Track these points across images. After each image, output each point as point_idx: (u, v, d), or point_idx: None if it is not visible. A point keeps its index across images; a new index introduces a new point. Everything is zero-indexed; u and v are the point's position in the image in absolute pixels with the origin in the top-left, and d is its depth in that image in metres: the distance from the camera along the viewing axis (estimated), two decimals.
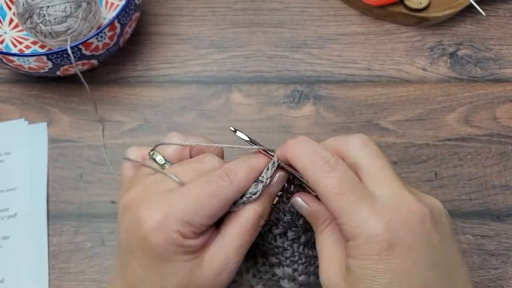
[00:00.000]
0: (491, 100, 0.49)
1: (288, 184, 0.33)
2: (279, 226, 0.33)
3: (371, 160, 0.29)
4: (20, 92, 0.50)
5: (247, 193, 0.30)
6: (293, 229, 0.33)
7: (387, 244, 0.25)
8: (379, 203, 0.27)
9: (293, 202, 0.32)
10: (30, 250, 0.42)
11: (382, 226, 0.26)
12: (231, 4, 0.55)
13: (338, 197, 0.27)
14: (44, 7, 0.44)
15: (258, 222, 0.30)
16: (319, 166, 0.28)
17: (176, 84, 0.51)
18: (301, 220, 0.33)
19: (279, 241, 0.33)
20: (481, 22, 0.54)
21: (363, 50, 0.52)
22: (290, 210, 0.33)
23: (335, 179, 0.27)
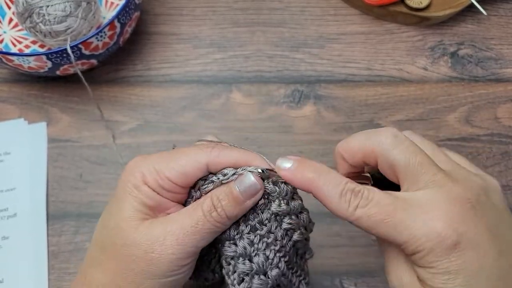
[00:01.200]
0: (492, 100, 0.49)
1: (269, 219, 0.29)
2: (246, 263, 0.29)
3: (407, 159, 0.27)
4: (19, 91, 0.50)
5: (218, 172, 0.29)
6: (261, 277, 0.29)
7: (451, 244, 0.25)
8: (428, 205, 0.26)
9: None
10: (30, 250, 0.42)
11: (440, 229, 0.25)
12: (231, 3, 0.55)
13: (386, 222, 0.26)
14: (43, 7, 0.44)
15: (210, 212, 0.28)
16: (355, 204, 0.26)
17: (176, 83, 0.51)
18: (274, 271, 0.29)
19: (242, 286, 0.29)
20: (482, 22, 0.54)
21: (364, 50, 0.52)
22: (264, 253, 0.29)
23: (374, 208, 0.26)
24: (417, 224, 0.25)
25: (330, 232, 0.43)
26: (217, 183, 0.29)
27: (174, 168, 0.28)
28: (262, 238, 0.29)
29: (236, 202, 0.28)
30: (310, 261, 0.42)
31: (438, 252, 0.25)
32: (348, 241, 0.43)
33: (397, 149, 0.27)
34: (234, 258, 0.29)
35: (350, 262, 0.42)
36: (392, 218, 0.26)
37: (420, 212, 0.26)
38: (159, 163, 0.28)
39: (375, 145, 0.28)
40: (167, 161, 0.29)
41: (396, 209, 0.26)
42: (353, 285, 0.41)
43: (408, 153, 0.27)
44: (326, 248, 0.42)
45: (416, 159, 0.27)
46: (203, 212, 0.28)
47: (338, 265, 0.42)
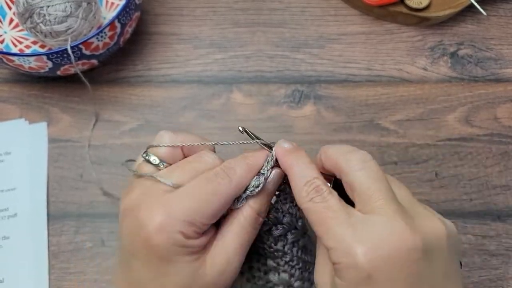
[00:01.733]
0: (491, 100, 0.49)
1: (286, 184, 0.33)
2: (279, 227, 0.32)
3: (368, 182, 0.28)
4: (20, 92, 0.50)
5: (249, 187, 0.30)
6: (293, 231, 0.33)
7: (366, 274, 0.25)
8: (366, 230, 0.26)
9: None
10: (30, 250, 0.42)
11: (362, 256, 0.25)
12: (232, 3, 0.55)
13: (324, 223, 0.27)
14: (44, 7, 0.44)
15: (256, 219, 0.30)
16: (311, 197, 0.28)
17: (176, 84, 0.51)
18: (300, 222, 0.33)
19: (279, 244, 0.33)
20: (482, 22, 0.54)
21: (364, 50, 0.52)
22: (289, 211, 0.33)
23: (323, 208, 0.27)
24: (344, 240, 0.26)
25: None
26: (250, 196, 0.31)
27: (208, 213, 0.28)
28: (283, 201, 0.33)
29: (270, 197, 0.32)
30: None
31: (351, 273, 0.25)
32: None
33: (360, 171, 0.28)
34: (268, 230, 0.33)
35: None
36: (329, 223, 0.27)
37: (354, 232, 0.26)
38: (191, 215, 0.28)
39: (344, 162, 0.29)
40: (198, 209, 0.28)
41: (337, 218, 0.27)
42: None
43: (368, 178, 0.28)
44: None
45: (373, 185, 0.27)
46: (246, 221, 0.31)
47: None
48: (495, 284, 0.41)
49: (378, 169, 0.28)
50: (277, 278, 0.33)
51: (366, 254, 0.25)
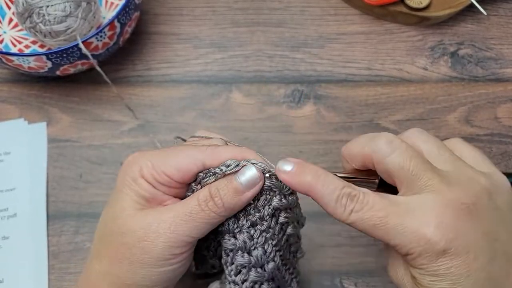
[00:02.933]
0: (492, 100, 0.49)
1: (271, 216, 0.30)
2: (245, 256, 0.30)
3: (400, 166, 0.27)
4: (19, 91, 0.50)
5: (220, 164, 0.29)
6: (258, 269, 0.30)
7: (439, 250, 0.25)
8: (420, 211, 0.26)
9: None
10: (30, 250, 0.42)
11: (430, 235, 0.25)
12: (231, 3, 0.55)
13: (379, 227, 0.27)
14: (43, 7, 0.44)
15: (207, 201, 0.28)
16: (350, 209, 0.27)
17: (176, 83, 0.51)
18: (270, 265, 0.30)
19: (239, 278, 0.30)
20: (482, 22, 0.54)
21: (364, 50, 0.52)
22: (263, 247, 0.30)
23: (368, 213, 0.27)
24: (408, 230, 0.26)
25: (330, 232, 0.43)
26: (219, 175, 0.29)
27: (170, 163, 0.29)
28: (261, 233, 0.30)
29: (235, 192, 0.29)
30: (310, 261, 0.42)
31: (426, 257, 0.26)
32: (348, 241, 0.43)
33: (391, 155, 0.28)
34: (233, 251, 0.30)
35: (350, 262, 0.42)
36: (385, 223, 0.26)
37: (412, 217, 0.26)
38: (156, 159, 0.30)
39: (371, 151, 0.29)
40: (164, 157, 0.30)
41: (389, 215, 0.27)
42: (353, 285, 0.41)
43: (402, 159, 0.28)
44: (326, 248, 0.42)
45: (410, 164, 0.27)
46: (198, 201, 0.29)
47: (338, 265, 0.42)
48: None
49: (405, 146, 0.28)
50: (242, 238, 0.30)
51: (436, 231, 0.25)
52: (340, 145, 0.47)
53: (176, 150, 0.30)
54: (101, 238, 0.30)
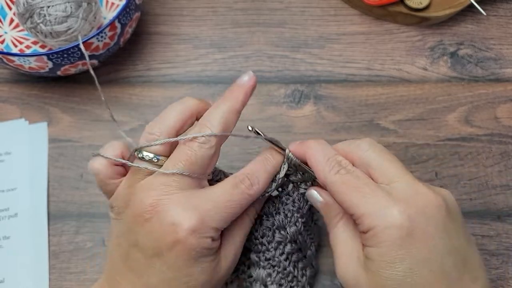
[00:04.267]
0: (491, 100, 0.49)
1: (294, 188, 0.34)
2: (270, 220, 0.34)
3: (381, 157, 0.30)
4: (20, 92, 0.50)
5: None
6: (281, 232, 0.33)
7: (406, 231, 0.26)
8: (395, 194, 0.28)
9: (308, 194, 0.33)
10: (31, 250, 0.42)
11: (400, 214, 0.27)
12: (232, 4, 0.55)
13: (355, 191, 0.28)
14: (44, 7, 0.44)
15: (255, 215, 0.34)
16: (336, 170, 0.30)
17: (176, 84, 0.51)
18: (292, 228, 0.33)
19: (265, 239, 0.33)
20: (482, 22, 0.54)
21: (364, 50, 0.52)
22: (285, 212, 0.34)
23: (351, 178, 0.29)
24: (379, 203, 0.28)
25: None
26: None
27: (229, 220, 0.30)
28: (281, 199, 0.34)
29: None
30: None
31: (390, 234, 0.27)
32: None
33: (371, 150, 0.31)
34: (260, 216, 0.34)
35: None
36: (361, 189, 0.28)
37: (386, 196, 0.28)
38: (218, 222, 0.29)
39: (354, 149, 0.32)
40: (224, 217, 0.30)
41: (367, 185, 0.29)
42: None
43: (381, 154, 0.31)
44: (326, 248, 0.42)
45: (388, 158, 0.31)
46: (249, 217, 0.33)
47: None
48: (495, 284, 0.41)
49: (384, 147, 0.31)
50: (256, 273, 0.33)
51: (404, 212, 0.27)
52: None
53: (232, 202, 0.30)
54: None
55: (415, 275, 0.26)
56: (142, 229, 0.29)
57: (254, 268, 0.34)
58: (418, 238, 0.26)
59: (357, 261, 0.29)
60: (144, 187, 0.30)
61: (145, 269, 0.29)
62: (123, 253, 0.30)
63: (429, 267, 0.26)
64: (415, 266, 0.26)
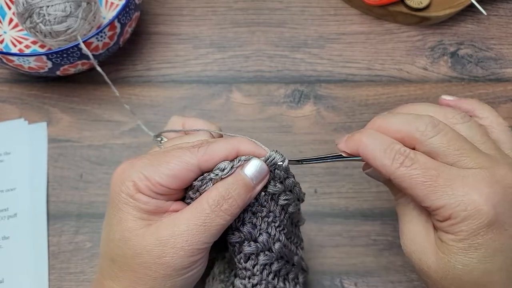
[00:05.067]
0: (492, 100, 0.49)
1: (270, 201, 0.30)
2: (251, 244, 0.30)
3: (449, 145, 0.27)
4: (20, 92, 0.50)
5: (214, 169, 0.28)
6: (266, 253, 0.30)
7: (487, 222, 0.25)
8: (472, 179, 0.26)
9: (367, 172, 0.31)
10: (30, 250, 0.42)
11: (479, 203, 0.25)
12: (232, 3, 0.55)
13: (427, 184, 0.26)
14: (44, 7, 0.44)
15: (219, 205, 0.28)
16: (400, 162, 0.27)
17: (176, 83, 0.51)
18: (276, 245, 0.31)
19: (249, 264, 0.30)
20: (482, 22, 0.54)
21: (364, 50, 0.52)
22: (267, 231, 0.30)
23: (419, 170, 0.27)
24: (457, 193, 0.26)
25: (330, 232, 0.43)
26: (216, 180, 0.28)
27: (164, 172, 0.28)
28: (263, 219, 0.30)
29: (247, 189, 0.28)
30: (310, 261, 0.42)
31: (469, 224, 0.25)
32: (348, 241, 0.43)
33: (435, 137, 0.27)
34: (239, 242, 0.30)
35: (350, 262, 0.42)
36: (434, 182, 0.26)
37: (463, 182, 0.26)
38: (148, 169, 0.28)
39: (414, 131, 0.28)
40: (156, 165, 0.28)
41: (439, 175, 0.26)
42: (353, 285, 0.41)
43: (447, 139, 0.27)
44: (326, 248, 0.42)
45: (456, 144, 0.27)
46: (210, 207, 0.28)
47: (338, 265, 0.42)
48: None
49: (449, 128, 0.28)
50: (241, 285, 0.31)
51: (487, 200, 0.25)
52: None
53: (166, 156, 0.29)
54: (113, 260, 0.29)
55: (488, 263, 0.26)
56: None
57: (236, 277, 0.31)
58: (498, 228, 0.25)
59: (427, 239, 0.28)
60: None
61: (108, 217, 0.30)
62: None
63: (504, 254, 0.26)
64: (490, 254, 0.26)
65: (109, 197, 0.29)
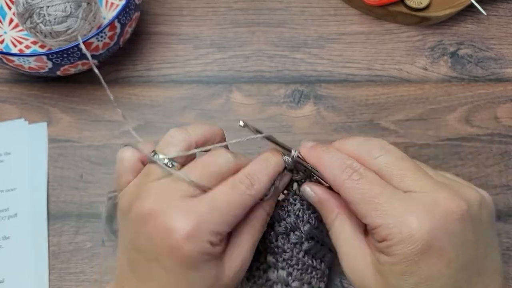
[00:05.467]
0: (492, 100, 0.49)
1: (299, 187, 0.33)
2: (282, 225, 0.33)
3: (394, 166, 0.28)
4: (20, 92, 0.50)
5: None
6: (296, 232, 0.33)
7: (422, 247, 0.25)
8: (412, 204, 0.26)
9: (302, 191, 0.32)
10: (30, 250, 0.42)
11: (417, 229, 0.25)
12: (232, 3, 0.55)
13: (369, 200, 0.27)
14: (44, 7, 0.44)
15: (266, 220, 0.32)
16: (348, 175, 0.28)
17: (176, 84, 0.51)
18: (306, 226, 0.33)
19: (280, 241, 0.33)
20: (482, 22, 0.54)
21: (364, 50, 0.52)
22: (295, 213, 0.33)
23: (365, 184, 0.27)
24: (396, 214, 0.26)
25: None
26: None
27: (230, 223, 0.29)
28: (288, 201, 0.34)
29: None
30: None
31: (404, 248, 0.25)
32: None
33: (381, 157, 0.28)
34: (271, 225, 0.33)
35: None
36: (376, 199, 0.27)
37: (401, 205, 0.26)
38: (217, 225, 0.28)
39: (364, 152, 0.29)
40: (223, 219, 0.28)
41: (383, 193, 0.27)
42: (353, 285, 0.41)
43: (391, 160, 0.28)
44: None
45: (399, 166, 0.28)
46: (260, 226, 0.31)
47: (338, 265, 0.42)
48: None
49: (399, 150, 0.29)
50: (276, 276, 0.33)
51: (423, 225, 0.25)
52: None
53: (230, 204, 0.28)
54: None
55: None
56: (142, 232, 0.28)
57: (272, 271, 0.33)
58: (433, 254, 0.25)
59: (363, 262, 0.28)
60: (149, 189, 0.29)
61: (146, 273, 0.28)
62: (128, 256, 0.30)
63: (440, 282, 0.25)
64: (426, 281, 0.25)
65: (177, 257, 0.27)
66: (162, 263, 0.28)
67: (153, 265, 0.28)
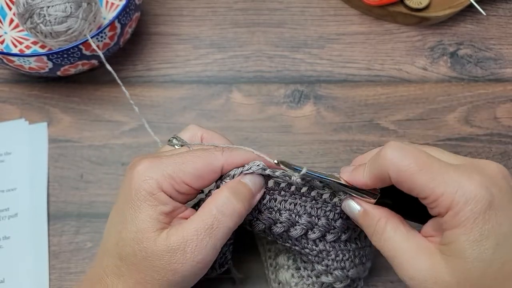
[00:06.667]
0: (491, 100, 0.49)
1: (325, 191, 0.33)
2: (315, 231, 0.33)
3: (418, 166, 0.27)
4: (20, 92, 0.50)
5: (225, 176, 0.31)
6: (331, 231, 0.33)
7: (488, 203, 0.25)
8: (464, 169, 0.26)
9: (344, 205, 0.31)
10: (31, 250, 0.42)
11: (476, 188, 0.25)
12: (232, 4, 0.55)
13: (423, 172, 0.26)
14: (44, 7, 0.44)
15: (226, 206, 0.29)
16: (405, 163, 0.27)
17: (176, 84, 0.51)
18: (338, 222, 0.33)
19: (321, 245, 0.33)
20: (482, 22, 0.54)
21: (364, 50, 0.52)
22: (325, 215, 0.33)
23: (413, 158, 0.27)
24: (455, 180, 0.26)
25: None
26: None
27: (190, 171, 0.29)
28: (319, 207, 0.34)
29: (252, 196, 0.31)
30: None
31: (472, 209, 0.25)
32: None
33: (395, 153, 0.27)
34: (301, 235, 0.33)
35: None
36: (430, 169, 0.26)
37: (455, 171, 0.26)
38: (173, 168, 0.29)
39: (386, 167, 0.27)
40: (181, 165, 0.29)
41: (433, 163, 0.27)
42: None
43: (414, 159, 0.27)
44: None
45: (435, 152, 0.28)
46: (217, 209, 0.29)
47: None
48: None
49: (414, 147, 0.28)
50: (332, 278, 0.34)
51: (481, 185, 0.25)
52: (340, 145, 0.47)
53: (193, 156, 0.30)
54: (122, 259, 0.29)
55: (503, 251, 0.25)
56: (124, 178, 0.31)
57: (325, 276, 0.34)
58: (498, 209, 0.25)
59: (429, 256, 0.27)
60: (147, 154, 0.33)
61: (125, 216, 0.30)
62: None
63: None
64: (502, 240, 0.25)
65: (124, 194, 0.30)
66: (117, 201, 0.30)
67: (114, 206, 0.31)
